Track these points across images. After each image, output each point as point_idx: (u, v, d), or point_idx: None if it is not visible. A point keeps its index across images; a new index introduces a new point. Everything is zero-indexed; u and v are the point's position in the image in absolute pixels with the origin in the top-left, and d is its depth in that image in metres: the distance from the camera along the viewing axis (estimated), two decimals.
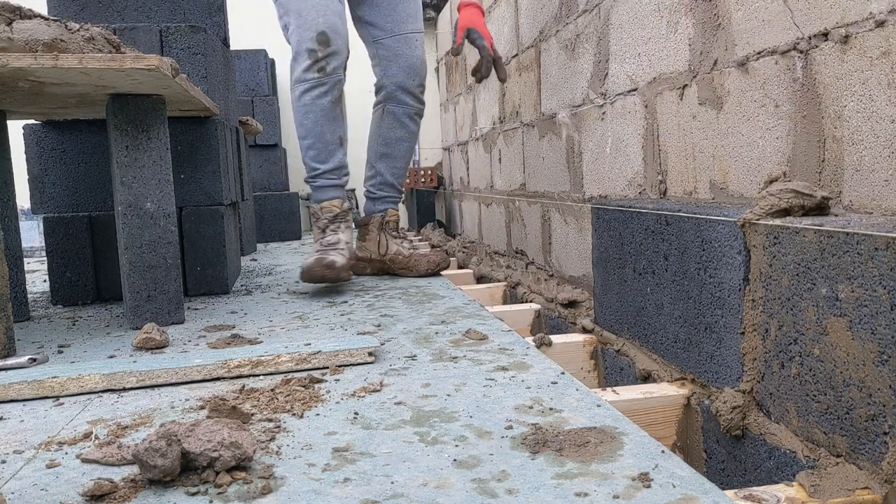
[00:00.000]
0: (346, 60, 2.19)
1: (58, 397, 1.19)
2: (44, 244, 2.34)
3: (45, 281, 2.77)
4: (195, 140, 2.19)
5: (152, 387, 1.22)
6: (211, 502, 0.76)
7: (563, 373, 1.20)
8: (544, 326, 2.20)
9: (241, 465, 0.83)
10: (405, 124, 2.42)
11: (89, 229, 2.17)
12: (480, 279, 3.02)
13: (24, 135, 2.16)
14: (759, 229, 1.06)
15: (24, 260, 3.06)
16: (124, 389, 1.21)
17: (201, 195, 2.20)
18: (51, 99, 1.75)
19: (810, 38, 1.13)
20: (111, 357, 1.43)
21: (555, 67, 2.33)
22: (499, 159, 3.18)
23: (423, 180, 4.87)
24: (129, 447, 0.90)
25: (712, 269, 1.18)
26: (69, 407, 1.13)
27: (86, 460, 0.89)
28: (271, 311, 1.88)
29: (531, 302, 2.33)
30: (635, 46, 1.74)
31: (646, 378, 1.46)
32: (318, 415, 1.04)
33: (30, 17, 1.45)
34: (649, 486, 0.76)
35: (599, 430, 0.92)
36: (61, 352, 1.51)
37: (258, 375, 1.26)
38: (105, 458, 0.88)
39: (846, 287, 0.88)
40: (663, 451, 0.85)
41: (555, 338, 1.74)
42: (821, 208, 1.05)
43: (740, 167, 1.35)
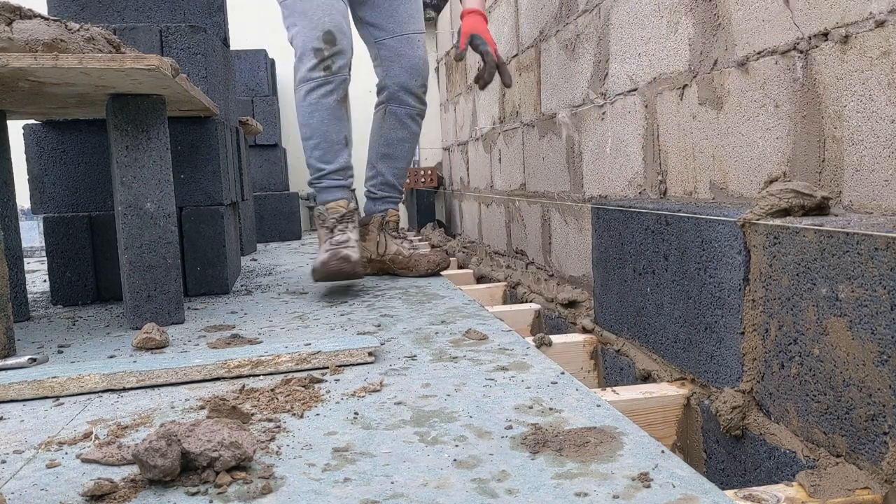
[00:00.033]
0: (351, 60, 2.19)
1: (58, 397, 1.19)
2: (44, 244, 2.34)
3: (45, 281, 2.77)
4: (195, 140, 2.19)
5: (152, 387, 1.22)
6: (211, 502, 0.76)
7: (562, 373, 1.20)
8: (544, 326, 2.20)
9: (241, 465, 0.83)
10: (407, 125, 2.42)
11: (89, 229, 2.17)
12: (480, 279, 3.02)
13: (24, 135, 2.16)
14: (759, 229, 1.06)
15: (24, 260, 3.06)
16: (124, 389, 1.21)
17: (201, 195, 2.20)
18: (51, 99, 1.75)
19: (810, 38, 1.13)
20: (111, 357, 1.43)
21: (555, 67, 2.33)
22: (499, 159, 3.18)
23: (423, 180, 4.87)
24: (129, 447, 0.90)
25: (712, 269, 1.18)
26: (69, 407, 1.14)
27: (86, 460, 0.89)
28: (271, 311, 1.88)
29: (531, 302, 2.33)
30: (635, 46, 1.74)
31: (646, 378, 1.46)
32: (318, 415, 1.04)
33: (30, 17, 1.45)
34: (649, 486, 0.76)
35: (599, 430, 0.92)
36: (61, 352, 1.51)
37: (258, 375, 1.26)
38: (105, 458, 0.88)
39: (846, 287, 0.88)
40: (663, 451, 0.85)
41: (555, 338, 1.74)
42: (821, 208, 1.05)
43: (740, 167, 1.35)
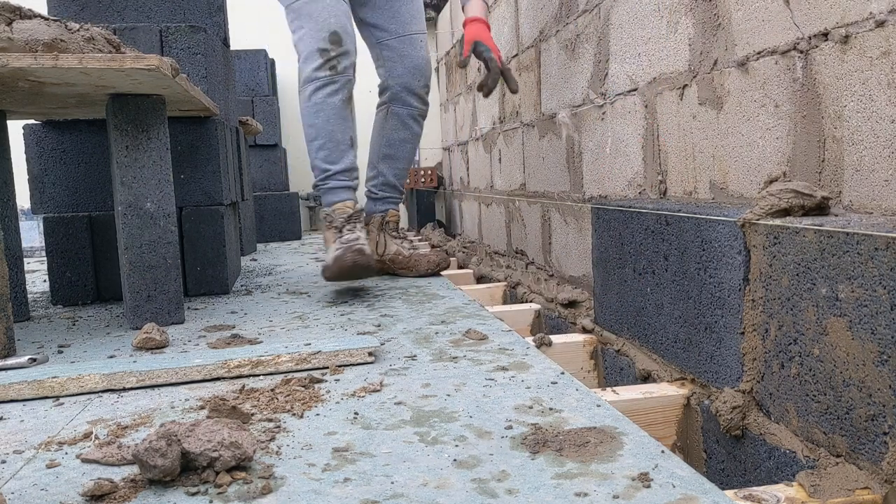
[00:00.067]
0: (355, 62, 2.18)
1: (58, 397, 1.19)
2: (44, 244, 2.34)
3: (45, 281, 2.77)
4: (195, 140, 2.19)
5: (152, 387, 1.22)
6: (211, 502, 0.76)
7: (562, 373, 1.20)
8: (544, 326, 2.20)
9: (241, 465, 0.83)
10: (409, 126, 2.42)
11: (89, 229, 2.17)
12: (480, 279, 3.02)
13: (24, 135, 2.16)
14: (759, 229, 1.06)
15: (24, 260, 3.06)
16: (124, 389, 1.21)
17: (201, 195, 2.20)
18: (51, 99, 1.75)
19: (810, 38, 1.13)
20: (111, 357, 1.43)
21: (555, 67, 2.33)
22: (499, 159, 3.18)
23: (423, 180, 4.87)
24: (129, 447, 0.90)
25: (712, 269, 1.18)
26: (69, 407, 1.14)
27: (86, 460, 0.89)
28: (271, 311, 1.88)
29: (531, 302, 2.33)
30: (635, 46, 1.74)
31: (646, 378, 1.46)
32: (318, 415, 1.04)
33: (30, 17, 1.45)
34: (649, 486, 0.76)
35: (599, 430, 0.92)
36: (61, 352, 1.51)
37: (258, 375, 1.26)
38: (105, 458, 0.88)
39: (846, 287, 0.88)
40: (663, 451, 0.85)
41: (555, 338, 1.74)
42: (821, 208, 1.05)
43: (740, 167, 1.35)
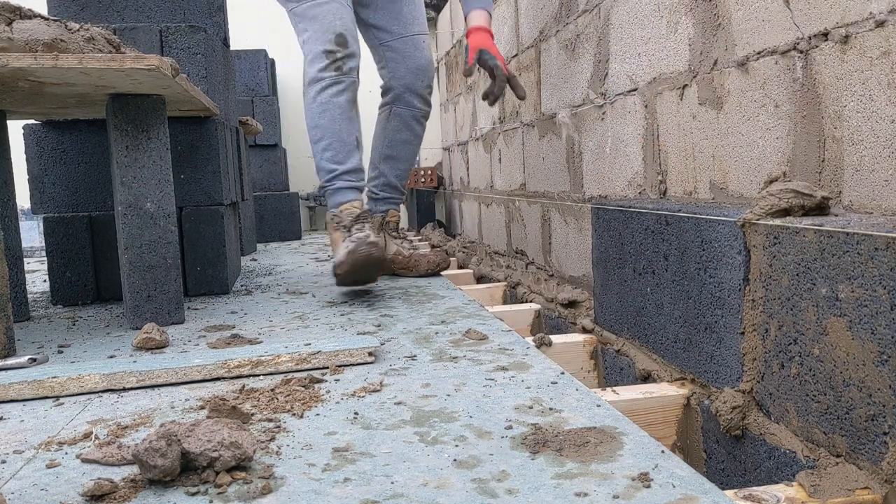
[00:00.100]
0: (359, 65, 2.18)
1: (58, 397, 1.19)
2: (44, 244, 2.34)
3: (45, 281, 2.77)
4: (195, 140, 2.19)
5: (152, 387, 1.22)
6: (211, 502, 0.76)
7: (562, 373, 1.20)
8: (544, 326, 2.20)
9: (241, 465, 0.83)
10: (411, 127, 2.42)
11: (89, 229, 2.17)
12: (480, 279, 3.02)
13: (24, 135, 2.16)
14: (759, 229, 1.06)
15: (24, 260, 3.06)
16: (124, 389, 1.21)
17: (201, 195, 2.20)
18: (51, 99, 1.75)
19: (810, 38, 1.13)
20: (111, 357, 1.43)
21: (555, 67, 2.33)
22: (499, 159, 3.18)
23: (423, 180, 4.87)
24: (129, 447, 0.90)
25: (712, 269, 1.18)
26: (69, 407, 1.13)
27: (86, 460, 0.89)
28: (271, 311, 1.88)
29: (531, 302, 2.33)
30: (635, 46, 1.74)
31: (646, 378, 1.46)
32: (318, 415, 1.04)
33: (30, 17, 1.45)
34: (649, 486, 0.76)
35: (599, 430, 0.92)
36: (61, 352, 1.51)
37: (258, 375, 1.26)
38: (105, 458, 0.88)
39: (846, 287, 0.88)
40: (663, 451, 0.85)
41: (555, 338, 1.74)
42: (821, 208, 1.05)
43: (740, 167, 1.35)
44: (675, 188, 1.61)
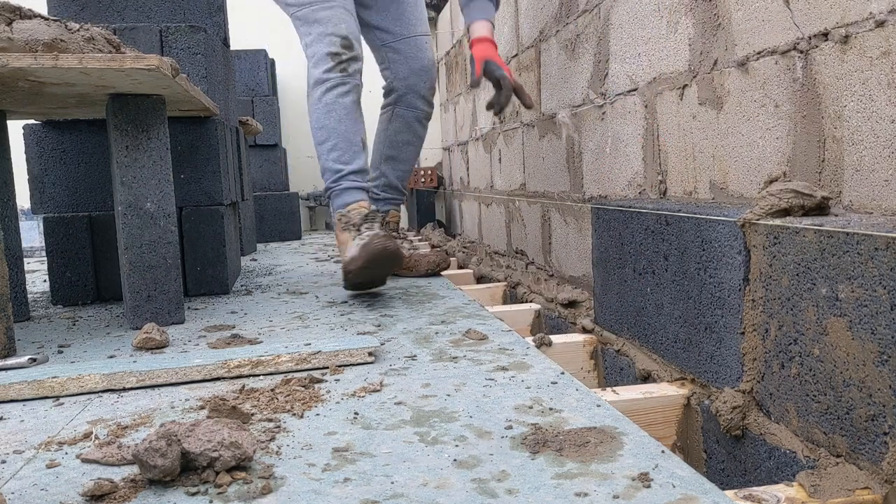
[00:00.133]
0: (362, 68, 2.17)
1: (58, 397, 1.19)
2: (44, 244, 2.34)
3: (45, 281, 2.77)
4: (195, 140, 2.19)
5: (152, 387, 1.22)
6: (211, 502, 0.76)
7: (562, 373, 1.20)
8: (544, 326, 2.20)
9: (241, 465, 0.83)
10: (413, 128, 2.41)
11: (89, 229, 2.17)
12: (480, 279, 3.02)
13: (24, 135, 2.16)
14: (759, 229, 1.06)
15: (24, 260, 3.06)
16: (124, 389, 1.21)
17: (201, 195, 2.20)
18: (51, 99, 1.75)
19: (810, 38, 1.13)
20: (111, 357, 1.43)
21: (555, 67, 2.33)
22: (499, 159, 3.18)
23: (423, 180, 4.87)
24: (129, 447, 0.90)
25: (712, 269, 1.18)
26: (69, 407, 1.13)
27: (86, 460, 0.89)
28: (271, 311, 1.88)
29: (531, 302, 2.33)
30: (635, 46, 1.74)
31: (646, 378, 1.46)
32: (318, 415, 1.04)
33: (30, 17, 1.45)
34: (649, 486, 0.76)
35: (599, 430, 0.92)
36: (61, 352, 1.51)
37: (258, 375, 1.26)
38: (105, 458, 0.88)
39: (846, 287, 0.88)
40: (663, 451, 0.85)
41: (555, 338, 1.74)
42: (821, 208, 1.05)
43: (740, 167, 1.35)
44: (675, 188, 1.61)
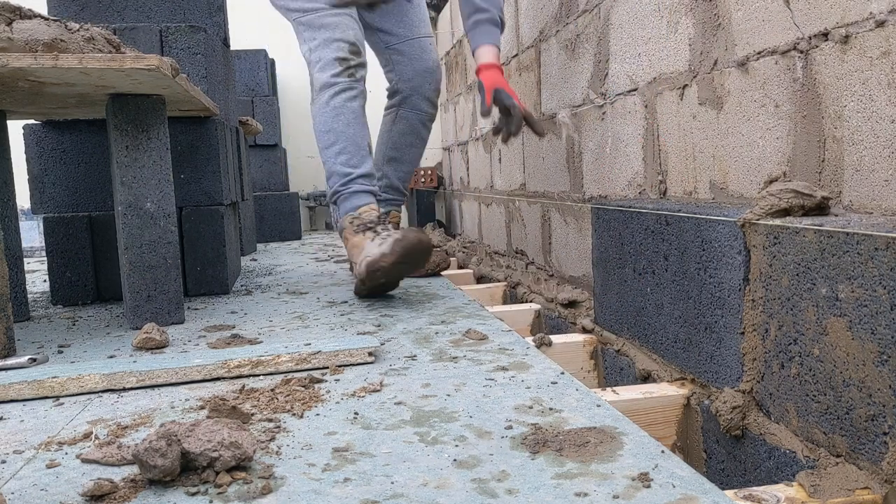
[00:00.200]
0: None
1: (58, 397, 1.19)
2: (44, 244, 2.34)
3: (45, 281, 2.77)
4: (195, 140, 2.19)
5: (152, 387, 1.22)
6: (211, 502, 0.76)
7: (562, 373, 1.20)
8: (544, 326, 2.20)
9: (241, 465, 0.83)
10: (417, 131, 2.41)
11: (89, 229, 2.17)
12: (480, 279, 3.02)
13: (24, 135, 2.16)
14: (759, 229, 1.06)
15: (24, 260, 3.06)
16: (124, 389, 1.21)
17: (201, 195, 2.20)
18: (51, 99, 1.75)
19: (810, 38, 1.13)
20: (111, 357, 1.43)
21: (555, 67, 2.33)
22: (499, 159, 3.18)
23: (423, 180, 4.87)
24: (129, 447, 0.90)
25: (712, 269, 1.18)
26: (69, 407, 1.13)
27: (86, 460, 0.89)
28: (271, 311, 1.88)
29: (531, 302, 2.33)
30: (635, 46, 1.74)
31: (646, 378, 1.46)
32: (318, 415, 1.04)
33: (30, 17, 1.45)
34: (649, 486, 0.76)
35: (599, 430, 0.92)
36: (61, 352, 1.51)
37: (258, 375, 1.26)
38: (105, 458, 0.88)
39: (846, 287, 0.88)
40: (663, 451, 0.85)
41: (555, 338, 1.74)
42: (821, 208, 1.05)
43: (740, 167, 1.35)
44: (675, 188, 1.61)
